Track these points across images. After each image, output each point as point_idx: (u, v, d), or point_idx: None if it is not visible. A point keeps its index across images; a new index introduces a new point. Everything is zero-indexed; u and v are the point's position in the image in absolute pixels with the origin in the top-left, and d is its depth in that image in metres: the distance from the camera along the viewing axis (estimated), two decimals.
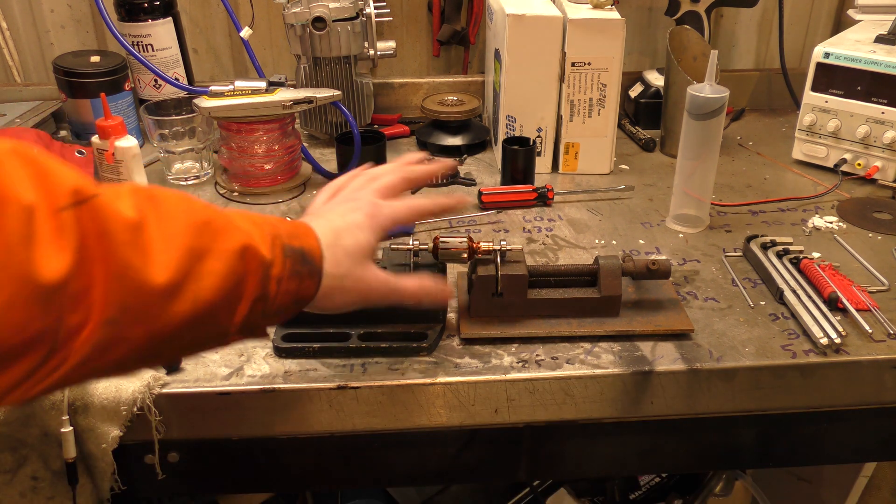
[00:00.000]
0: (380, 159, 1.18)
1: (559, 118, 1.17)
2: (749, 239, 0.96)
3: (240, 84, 1.07)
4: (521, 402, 0.77)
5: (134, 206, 0.47)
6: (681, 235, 1.01)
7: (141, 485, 0.80)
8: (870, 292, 0.88)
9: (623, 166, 1.22)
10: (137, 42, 1.24)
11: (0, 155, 0.43)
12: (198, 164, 1.18)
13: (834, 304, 0.84)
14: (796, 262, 0.91)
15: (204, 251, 0.50)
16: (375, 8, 1.21)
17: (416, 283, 0.68)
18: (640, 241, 1.00)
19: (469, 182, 1.16)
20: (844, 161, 1.15)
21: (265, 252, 0.53)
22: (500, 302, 0.81)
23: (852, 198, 1.11)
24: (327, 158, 1.24)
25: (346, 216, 0.65)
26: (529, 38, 1.10)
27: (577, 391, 0.77)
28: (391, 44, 1.24)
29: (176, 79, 1.25)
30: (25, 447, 0.74)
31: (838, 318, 0.82)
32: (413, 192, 1.13)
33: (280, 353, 0.78)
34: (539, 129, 1.17)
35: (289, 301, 0.57)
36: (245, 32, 1.20)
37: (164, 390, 0.74)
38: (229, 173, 1.15)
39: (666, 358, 0.78)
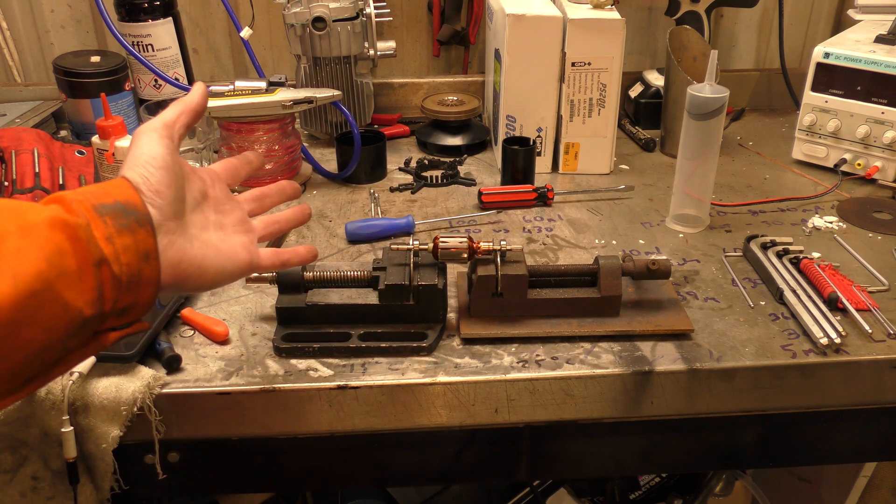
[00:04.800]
0: (380, 159, 1.18)
1: (559, 118, 1.17)
2: (749, 239, 0.96)
3: (240, 84, 1.07)
4: (521, 402, 0.77)
5: None
6: (681, 235, 1.01)
7: (141, 485, 0.80)
8: (870, 292, 0.88)
9: (623, 166, 1.22)
10: (137, 42, 1.24)
11: None
12: (198, 165, 1.18)
13: (834, 304, 0.84)
14: (796, 262, 0.91)
15: None
16: (375, 8, 1.20)
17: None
18: (640, 241, 1.00)
19: (469, 182, 1.16)
20: (844, 161, 1.15)
21: (75, 217, 0.50)
22: (500, 302, 0.81)
23: (852, 198, 1.11)
24: (327, 158, 1.24)
25: (136, 147, 0.61)
26: (529, 38, 1.10)
27: (577, 391, 0.77)
28: (391, 44, 1.24)
29: (176, 79, 1.25)
30: (25, 447, 0.74)
31: (838, 318, 0.82)
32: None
33: (280, 353, 0.78)
34: (539, 129, 1.17)
35: (135, 259, 0.52)
36: (245, 32, 1.20)
37: (164, 390, 0.74)
38: None
39: (666, 358, 0.78)
